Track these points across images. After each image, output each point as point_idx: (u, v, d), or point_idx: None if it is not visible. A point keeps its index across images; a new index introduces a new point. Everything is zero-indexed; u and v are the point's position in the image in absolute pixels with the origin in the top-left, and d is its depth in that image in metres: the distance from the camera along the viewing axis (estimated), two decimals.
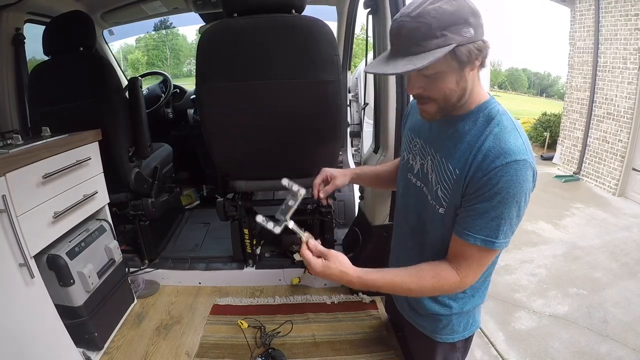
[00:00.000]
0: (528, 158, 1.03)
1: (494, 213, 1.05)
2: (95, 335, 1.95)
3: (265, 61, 1.92)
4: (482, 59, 1.04)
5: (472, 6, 0.99)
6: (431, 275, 1.16)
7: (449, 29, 0.97)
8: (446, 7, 0.97)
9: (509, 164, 1.02)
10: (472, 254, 1.13)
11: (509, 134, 1.06)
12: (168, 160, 3.05)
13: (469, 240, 1.10)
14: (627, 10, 6.12)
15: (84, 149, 1.90)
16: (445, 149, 1.17)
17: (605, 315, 3.43)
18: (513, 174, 1.02)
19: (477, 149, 1.08)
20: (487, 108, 1.12)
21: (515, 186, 1.02)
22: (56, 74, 2.22)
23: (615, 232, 5.14)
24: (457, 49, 0.99)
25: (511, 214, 1.05)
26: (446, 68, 1.03)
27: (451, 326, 1.37)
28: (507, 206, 1.04)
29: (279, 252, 2.68)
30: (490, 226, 1.07)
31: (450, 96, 1.09)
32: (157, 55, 24.79)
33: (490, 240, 1.08)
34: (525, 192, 1.04)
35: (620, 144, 6.38)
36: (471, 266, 1.14)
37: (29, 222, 1.52)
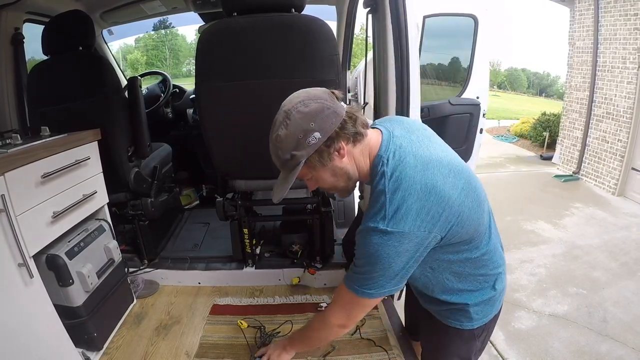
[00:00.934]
0: (381, 226, 1.10)
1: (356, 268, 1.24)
2: (94, 336, 1.94)
3: (265, 60, 1.91)
4: (348, 139, 1.16)
5: (307, 110, 1.10)
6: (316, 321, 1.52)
7: (294, 150, 1.13)
8: (282, 132, 1.13)
9: (362, 231, 1.17)
10: (341, 295, 1.35)
11: (376, 200, 1.14)
12: (167, 160, 3.04)
13: (344, 281, 1.31)
14: (627, 10, 6.12)
15: (83, 149, 1.89)
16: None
17: (604, 315, 3.43)
18: (363, 239, 1.16)
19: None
20: (375, 171, 1.19)
21: (367, 249, 1.15)
22: (55, 73, 2.22)
23: (615, 232, 5.14)
24: (309, 160, 1.15)
25: (371, 274, 1.19)
26: (314, 172, 1.20)
27: (472, 314, 1.41)
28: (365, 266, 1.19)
29: (278, 252, 2.68)
30: (355, 275, 1.25)
31: (337, 184, 1.26)
32: (156, 55, 24.81)
33: (354, 286, 1.25)
34: (380, 256, 1.13)
35: (620, 144, 6.38)
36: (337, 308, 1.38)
37: (28, 221, 1.51)
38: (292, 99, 1.15)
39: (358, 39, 6.14)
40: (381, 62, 2.12)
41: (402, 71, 1.98)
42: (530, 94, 30.26)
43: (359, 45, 6.51)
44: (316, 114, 1.10)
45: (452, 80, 5.06)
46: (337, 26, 3.69)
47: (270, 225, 2.95)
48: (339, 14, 3.64)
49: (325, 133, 1.10)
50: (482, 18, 4.16)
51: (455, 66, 4.97)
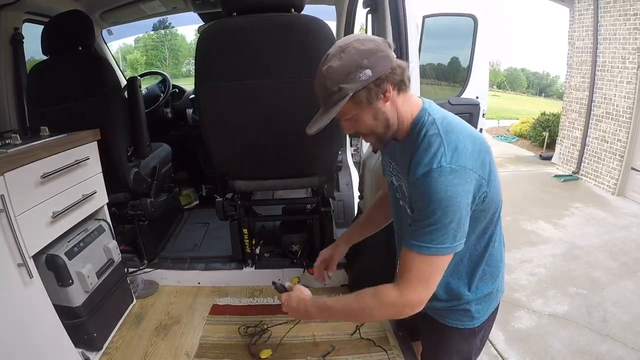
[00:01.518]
0: (446, 164, 1.07)
1: (424, 221, 1.11)
2: (94, 336, 1.94)
3: (264, 60, 1.91)
4: (396, 84, 1.15)
5: (364, 49, 1.10)
6: (370, 294, 1.22)
7: (343, 82, 1.10)
8: (335, 63, 1.10)
9: (425, 174, 1.08)
10: (410, 264, 1.16)
11: (430, 144, 1.12)
12: (167, 160, 3.04)
13: (407, 246, 1.15)
14: (626, 10, 6.12)
15: (82, 149, 1.89)
16: (404, 170, 1.25)
17: (604, 315, 3.43)
18: (431, 183, 1.07)
19: (411, 161, 1.16)
20: (418, 122, 1.19)
21: (436, 193, 1.07)
22: (55, 73, 2.22)
23: (615, 232, 5.14)
24: (355, 95, 1.11)
25: (443, 221, 1.09)
26: (356, 111, 1.16)
27: (473, 313, 1.40)
28: (435, 214, 1.08)
29: (278, 252, 2.68)
30: (424, 232, 1.11)
31: (376, 129, 1.20)
32: (156, 55, 24.80)
33: (425, 246, 1.12)
34: (451, 197, 1.07)
35: (619, 144, 6.38)
36: (410, 278, 1.16)
37: (27, 222, 1.51)
38: (348, 37, 1.15)
39: None
40: None
41: None
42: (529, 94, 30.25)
43: None
44: (370, 53, 1.09)
45: (452, 80, 5.06)
46: (337, 26, 3.69)
47: (270, 225, 2.95)
48: (339, 14, 3.64)
49: (376, 72, 1.10)
50: (481, 18, 4.16)
51: (454, 66, 4.97)
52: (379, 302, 1.19)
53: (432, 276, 1.17)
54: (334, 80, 1.11)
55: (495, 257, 1.38)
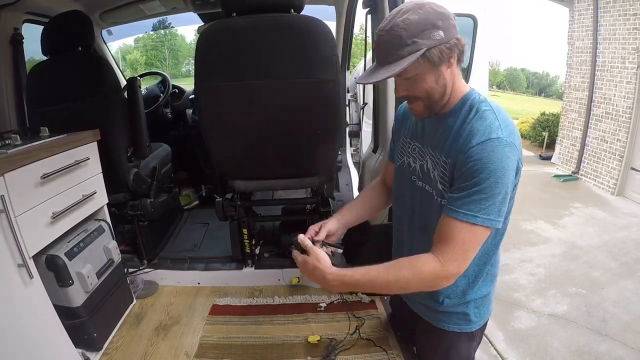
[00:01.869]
0: (503, 136, 1.09)
1: (474, 188, 1.10)
2: (94, 336, 1.94)
3: (264, 61, 1.91)
4: (458, 55, 1.15)
5: (439, 10, 1.09)
6: (409, 265, 1.17)
7: (418, 36, 1.08)
8: (413, 17, 1.08)
9: (484, 142, 1.09)
10: (455, 232, 1.13)
11: (486, 118, 1.14)
12: (167, 161, 3.04)
13: (451, 214, 1.13)
14: (626, 10, 6.13)
15: (82, 149, 1.89)
16: (439, 145, 1.25)
17: (604, 315, 3.43)
18: (489, 151, 1.08)
19: (459, 135, 1.17)
20: (468, 99, 1.21)
21: (493, 162, 1.07)
22: (55, 74, 2.22)
23: (614, 232, 5.15)
24: (427, 52, 1.09)
25: (493, 191, 1.09)
26: (422, 70, 1.14)
27: (470, 316, 1.40)
28: (487, 182, 1.08)
29: (278, 252, 2.68)
30: (472, 200, 1.10)
31: (433, 93, 1.18)
32: (155, 56, 24.77)
33: (471, 214, 1.10)
34: (505, 169, 1.08)
35: (619, 144, 6.39)
36: (454, 249, 1.13)
37: (27, 222, 1.51)
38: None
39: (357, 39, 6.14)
40: None
41: None
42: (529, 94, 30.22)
43: (358, 45, 6.51)
44: (445, 17, 1.10)
45: None
46: (337, 26, 3.69)
47: (270, 225, 2.95)
48: (338, 14, 3.64)
49: (447, 36, 1.10)
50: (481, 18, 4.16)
51: None
52: (417, 273, 1.15)
53: (472, 247, 1.15)
54: (409, 33, 1.08)
55: (498, 256, 1.38)
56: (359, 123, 4.59)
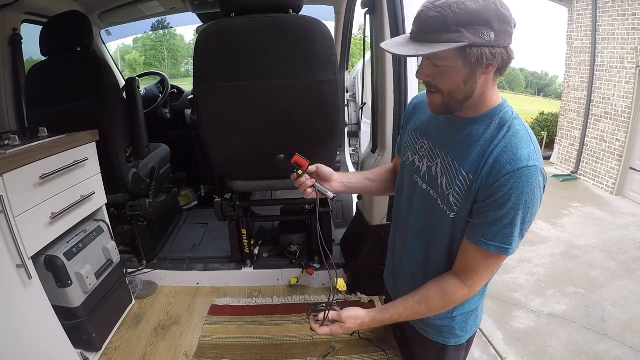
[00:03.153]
0: (538, 164, 1.02)
1: (506, 220, 1.04)
2: (93, 336, 1.94)
3: (263, 61, 1.91)
4: (500, 66, 1.02)
5: (502, 11, 0.96)
6: (439, 296, 1.16)
7: (466, 27, 0.95)
8: (470, 4, 0.95)
9: (520, 170, 1.01)
10: (483, 262, 1.12)
11: (521, 140, 1.05)
12: (166, 161, 3.04)
13: (483, 247, 1.08)
14: (625, 10, 6.13)
15: (81, 150, 1.89)
16: (457, 153, 1.14)
17: (603, 314, 3.43)
18: (525, 180, 1.01)
19: (489, 154, 1.06)
20: (501, 112, 1.10)
21: (527, 192, 1.01)
22: (53, 74, 2.22)
23: (613, 231, 5.15)
24: (468, 48, 0.97)
25: (523, 220, 1.05)
26: (454, 64, 1.02)
27: (456, 330, 1.36)
28: (518, 212, 1.03)
29: (277, 253, 2.68)
30: (504, 233, 1.06)
31: (456, 93, 1.07)
32: (154, 56, 24.77)
33: (503, 247, 1.07)
34: (536, 198, 1.03)
35: (618, 143, 6.39)
36: (480, 274, 1.14)
37: (26, 223, 1.51)
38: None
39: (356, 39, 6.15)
40: (379, 63, 2.12)
41: (400, 71, 1.99)
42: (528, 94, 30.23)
43: (357, 45, 6.53)
44: (504, 20, 0.97)
45: None
46: (335, 26, 3.70)
47: (269, 225, 2.95)
48: (337, 15, 3.64)
49: (498, 42, 0.97)
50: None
51: None
52: (449, 301, 1.16)
53: (495, 270, 1.17)
54: (458, 19, 0.95)
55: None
56: (357, 123, 4.60)
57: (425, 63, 1.08)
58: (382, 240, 2.02)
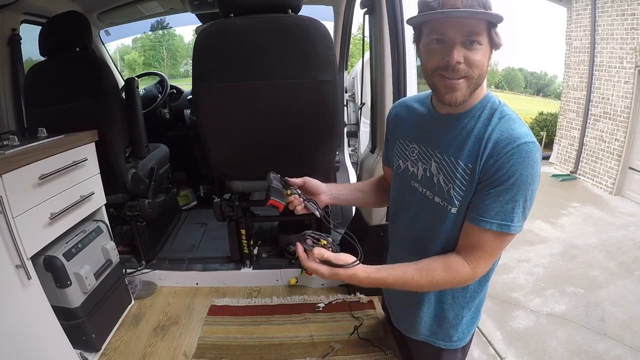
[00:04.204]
0: (535, 141, 1.05)
1: (508, 196, 1.05)
2: (92, 337, 1.94)
3: (262, 61, 1.91)
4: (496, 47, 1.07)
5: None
6: (442, 269, 1.14)
7: (486, 6, 1.01)
8: None
9: (520, 146, 1.03)
10: (485, 241, 1.11)
11: (514, 121, 1.08)
12: (165, 161, 3.04)
13: (484, 225, 1.08)
14: (624, 10, 6.14)
15: (80, 150, 1.89)
16: (452, 148, 1.15)
17: (602, 314, 3.44)
18: (525, 156, 1.02)
19: (486, 139, 1.08)
20: (488, 102, 1.14)
21: (528, 167, 1.03)
22: (52, 74, 2.22)
23: (612, 231, 5.16)
24: (493, 26, 1.04)
25: (525, 197, 1.05)
26: (485, 42, 1.05)
27: (451, 335, 1.35)
28: (520, 188, 1.04)
29: (276, 253, 2.68)
30: (505, 209, 1.06)
31: (482, 75, 1.08)
32: (153, 56, 24.74)
33: (505, 224, 1.07)
34: (536, 174, 1.05)
35: (617, 143, 6.40)
36: (483, 255, 1.13)
37: (25, 223, 1.51)
38: None
39: (355, 39, 6.15)
40: (378, 63, 2.12)
41: (399, 71, 1.98)
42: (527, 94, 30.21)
43: (356, 45, 6.53)
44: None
45: None
46: (334, 27, 3.69)
47: (268, 225, 2.95)
48: (336, 15, 3.64)
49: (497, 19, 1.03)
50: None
51: None
52: (451, 277, 1.14)
53: (499, 252, 1.16)
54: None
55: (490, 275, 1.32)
56: (357, 123, 4.60)
57: (459, 44, 1.05)
58: (381, 240, 2.02)
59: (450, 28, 1.02)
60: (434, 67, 1.09)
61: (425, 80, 1.16)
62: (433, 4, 1.03)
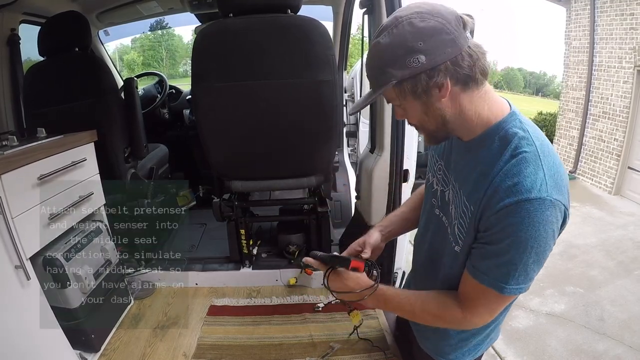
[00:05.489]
0: (548, 195, 0.87)
1: (503, 258, 0.93)
2: (92, 337, 1.94)
3: (261, 61, 1.91)
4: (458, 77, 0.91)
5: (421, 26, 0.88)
6: (435, 304, 1.09)
7: (389, 65, 0.91)
8: (383, 41, 0.91)
9: (519, 204, 0.88)
10: (480, 295, 1.01)
11: (527, 165, 0.90)
12: (164, 161, 3.04)
13: (477, 277, 0.99)
14: (623, 10, 6.14)
15: (79, 150, 1.89)
16: (461, 179, 1.06)
17: (602, 313, 3.44)
18: (524, 216, 0.87)
19: (489, 182, 0.94)
20: (502, 130, 0.96)
21: (528, 229, 0.88)
22: (52, 74, 2.22)
23: (612, 231, 5.16)
24: (399, 84, 0.92)
25: (525, 261, 0.92)
26: (403, 101, 0.97)
27: (450, 353, 1.28)
28: (518, 251, 0.90)
29: (275, 253, 2.67)
30: (500, 271, 0.94)
31: (425, 125, 1.01)
32: (153, 56, 24.70)
33: (499, 284, 0.95)
34: (542, 236, 0.89)
35: (616, 143, 6.41)
36: (477, 307, 1.03)
37: (24, 223, 1.51)
38: (410, 7, 0.91)
39: (355, 39, 6.14)
40: None
41: None
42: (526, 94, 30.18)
43: (355, 45, 6.52)
44: (430, 34, 0.87)
45: None
46: (334, 27, 3.69)
47: (267, 225, 2.95)
48: (335, 15, 3.64)
49: (432, 60, 0.87)
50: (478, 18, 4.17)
51: None
52: (441, 316, 1.08)
53: (499, 309, 1.05)
54: (380, 60, 0.92)
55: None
56: (356, 123, 4.60)
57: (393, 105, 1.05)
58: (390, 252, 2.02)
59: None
60: None
61: None
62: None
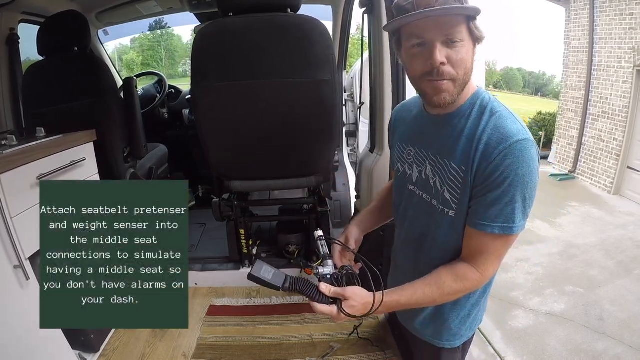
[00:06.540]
0: (529, 137, 1.01)
1: (506, 198, 1.02)
2: (91, 337, 1.93)
3: (261, 60, 1.91)
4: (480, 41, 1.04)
5: None
6: (452, 279, 1.12)
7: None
8: None
9: (513, 145, 0.99)
10: (490, 245, 1.08)
11: (506, 118, 1.04)
12: (163, 161, 3.04)
13: (486, 230, 1.05)
14: (622, 10, 6.15)
15: (78, 150, 1.88)
16: (445, 149, 1.12)
17: (601, 313, 3.44)
18: (518, 155, 0.99)
19: (477, 141, 1.04)
20: (478, 99, 1.10)
21: (523, 165, 0.99)
22: (51, 74, 2.21)
23: (611, 230, 5.16)
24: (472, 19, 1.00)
25: (524, 196, 1.02)
26: (467, 38, 1.02)
27: (450, 333, 1.32)
28: (518, 188, 1.01)
29: (275, 252, 2.67)
30: (506, 212, 1.03)
31: (468, 73, 1.05)
32: (152, 56, 24.67)
33: (507, 226, 1.04)
34: (533, 171, 1.01)
35: (615, 143, 6.41)
36: (490, 258, 1.10)
37: (23, 223, 1.50)
38: None
39: (354, 39, 6.14)
40: (377, 62, 2.12)
41: (398, 71, 1.98)
42: (526, 94, 30.17)
43: (355, 45, 6.51)
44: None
45: None
46: (333, 26, 3.68)
47: (267, 225, 2.95)
48: (335, 14, 3.63)
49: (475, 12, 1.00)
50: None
51: None
52: (462, 286, 1.12)
53: (505, 253, 1.12)
54: None
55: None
56: (355, 123, 4.60)
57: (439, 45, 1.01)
58: (381, 239, 2.02)
59: (428, 29, 0.99)
60: (420, 74, 1.06)
61: (413, 86, 1.13)
62: (407, 7, 1.00)
